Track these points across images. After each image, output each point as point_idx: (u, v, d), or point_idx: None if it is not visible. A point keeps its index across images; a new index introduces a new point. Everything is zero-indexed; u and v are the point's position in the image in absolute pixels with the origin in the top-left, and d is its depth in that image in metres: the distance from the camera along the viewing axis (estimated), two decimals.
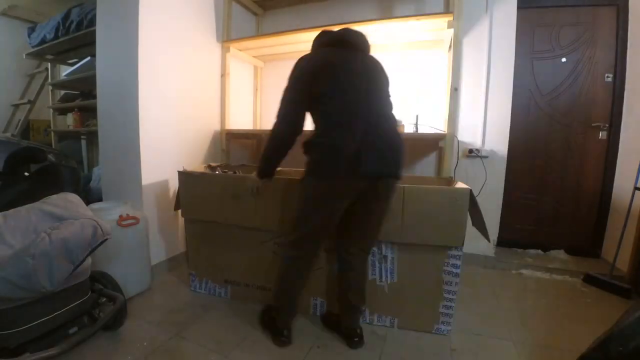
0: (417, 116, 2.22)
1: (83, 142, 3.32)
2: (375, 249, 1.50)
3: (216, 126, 2.46)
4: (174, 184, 2.05)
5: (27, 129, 3.52)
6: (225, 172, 2.04)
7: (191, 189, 1.75)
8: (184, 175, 1.75)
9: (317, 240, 1.34)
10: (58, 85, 3.26)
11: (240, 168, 2.17)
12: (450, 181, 1.77)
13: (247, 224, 1.63)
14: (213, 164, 2.17)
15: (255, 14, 2.80)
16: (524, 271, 2.18)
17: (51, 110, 3.29)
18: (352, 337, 1.40)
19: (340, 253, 1.40)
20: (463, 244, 1.40)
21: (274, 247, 1.63)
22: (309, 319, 1.58)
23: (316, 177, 1.24)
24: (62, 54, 3.18)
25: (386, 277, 1.53)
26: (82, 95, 3.17)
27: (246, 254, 1.70)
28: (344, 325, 1.44)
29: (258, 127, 2.91)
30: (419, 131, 2.23)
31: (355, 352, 1.35)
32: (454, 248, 1.41)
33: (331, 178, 1.21)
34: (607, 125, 2.29)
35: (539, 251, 2.45)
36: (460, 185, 1.50)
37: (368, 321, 1.57)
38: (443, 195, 1.42)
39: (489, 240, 1.53)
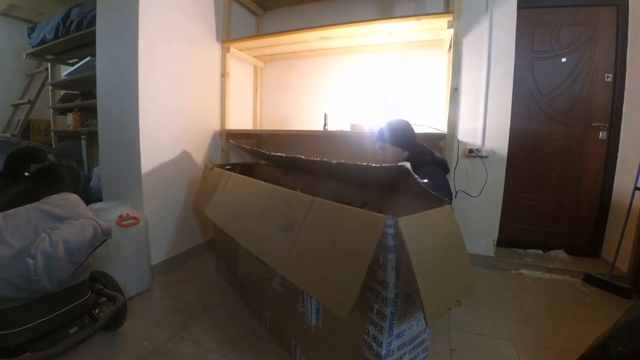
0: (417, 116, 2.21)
1: (83, 142, 3.33)
2: None
3: (216, 126, 2.46)
4: (174, 184, 2.05)
5: (27, 129, 3.52)
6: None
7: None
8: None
9: None
10: (58, 85, 3.26)
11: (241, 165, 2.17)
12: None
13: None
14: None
15: (255, 14, 2.81)
16: (524, 271, 2.18)
17: (51, 110, 3.29)
18: None
19: None
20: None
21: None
22: None
23: None
24: (62, 54, 3.18)
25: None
26: (82, 95, 3.17)
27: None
28: None
29: (258, 127, 2.91)
30: (419, 131, 2.22)
31: None
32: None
33: None
34: (607, 125, 2.29)
35: (539, 251, 2.45)
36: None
37: None
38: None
39: (426, 324, 0.76)
